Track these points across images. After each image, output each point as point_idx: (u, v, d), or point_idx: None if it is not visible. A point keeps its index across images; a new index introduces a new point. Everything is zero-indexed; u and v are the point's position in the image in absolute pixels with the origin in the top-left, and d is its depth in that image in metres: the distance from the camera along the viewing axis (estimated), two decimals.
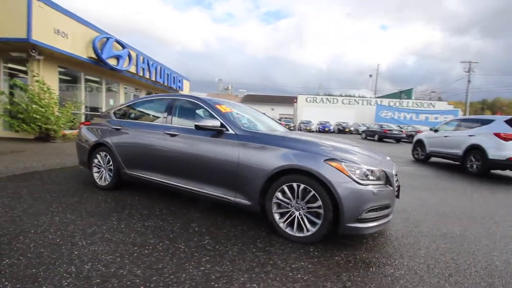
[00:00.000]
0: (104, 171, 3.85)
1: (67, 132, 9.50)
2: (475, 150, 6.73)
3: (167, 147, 3.22)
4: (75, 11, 9.10)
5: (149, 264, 1.97)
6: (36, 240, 2.26)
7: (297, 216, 2.46)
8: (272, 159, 2.55)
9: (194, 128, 3.05)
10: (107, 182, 3.80)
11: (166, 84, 16.65)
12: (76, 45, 9.18)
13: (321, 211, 2.33)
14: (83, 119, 10.56)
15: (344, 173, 2.29)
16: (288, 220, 2.49)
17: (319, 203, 2.33)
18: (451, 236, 2.84)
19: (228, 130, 2.89)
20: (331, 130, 29.09)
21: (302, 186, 2.40)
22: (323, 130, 28.33)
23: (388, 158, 3.00)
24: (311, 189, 2.36)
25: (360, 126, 28.43)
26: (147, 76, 14.14)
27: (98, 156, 3.91)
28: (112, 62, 10.81)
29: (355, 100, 35.62)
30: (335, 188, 2.25)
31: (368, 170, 2.35)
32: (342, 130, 28.66)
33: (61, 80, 9.83)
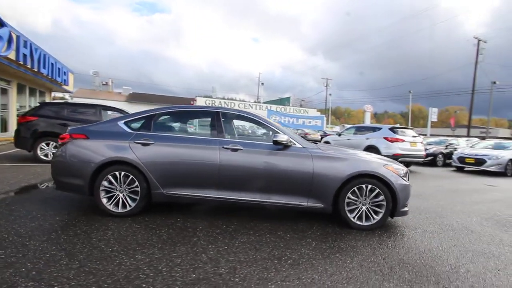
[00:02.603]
0: (121, 194, 3.23)
1: None
2: (372, 149, 9.46)
3: (229, 162, 3.19)
4: None
5: (312, 272, 2.21)
6: (172, 285, 1.95)
7: (364, 210, 3.20)
8: (344, 167, 3.18)
9: (258, 142, 3.30)
10: (129, 208, 3.22)
11: (50, 76, 13.02)
12: None
13: (384, 203, 3.18)
14: None
15: (396, 174, 3.23)
16: (358, 215, 3.20)
17: (382, 197, 3.17)
18: (431, 211, 4.24)
19: (295, 144, 3.27)
20: None
21: (369, 186, 3.17)
22: None
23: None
24: (376, 187, 3.17)
25: (255, 129, 31.64)
26: (29, 65, 10.70)
27: (110, 177, 3.22)
28: None
29: (249, 105, 39.05)
30: (394, 185, 3.16)
31: (405, 170, 3.39)
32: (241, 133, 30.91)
33: None
